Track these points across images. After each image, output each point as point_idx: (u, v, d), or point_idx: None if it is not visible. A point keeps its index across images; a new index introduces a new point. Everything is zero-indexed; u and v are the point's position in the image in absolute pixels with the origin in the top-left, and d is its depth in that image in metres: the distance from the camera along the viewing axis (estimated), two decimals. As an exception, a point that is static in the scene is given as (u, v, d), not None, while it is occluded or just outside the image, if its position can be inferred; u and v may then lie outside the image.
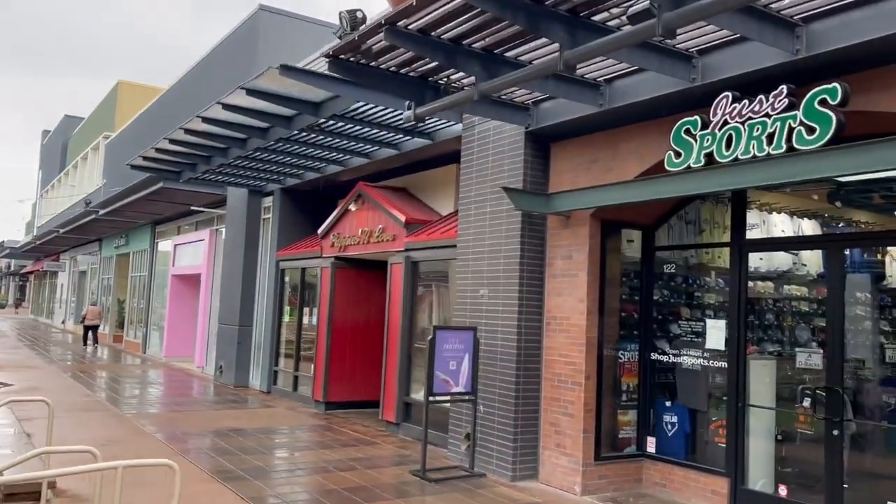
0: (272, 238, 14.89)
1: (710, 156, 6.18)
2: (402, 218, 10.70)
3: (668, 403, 7.97)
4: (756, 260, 7.43)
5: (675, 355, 7.85)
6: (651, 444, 7.97)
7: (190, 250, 20.24)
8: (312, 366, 12.95)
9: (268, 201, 15.32)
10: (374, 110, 9.41)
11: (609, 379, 7.95)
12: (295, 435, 10.26)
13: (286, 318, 14.60)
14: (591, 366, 7.67)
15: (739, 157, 5.93)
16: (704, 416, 7.63)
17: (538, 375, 8.14)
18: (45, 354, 21.58)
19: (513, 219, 8.24)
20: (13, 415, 10.06)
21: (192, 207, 17.39)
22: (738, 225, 7.32)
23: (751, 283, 7.35)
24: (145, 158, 13.44)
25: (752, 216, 7.34)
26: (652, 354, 8.07)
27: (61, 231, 29.44)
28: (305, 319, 13.88)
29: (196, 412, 11.98)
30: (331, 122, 9.87)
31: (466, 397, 8.30)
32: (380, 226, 11.33)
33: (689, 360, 7.67)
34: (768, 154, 5.72)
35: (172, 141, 11.90)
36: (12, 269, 58.71)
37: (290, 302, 14.60)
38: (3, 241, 52.21)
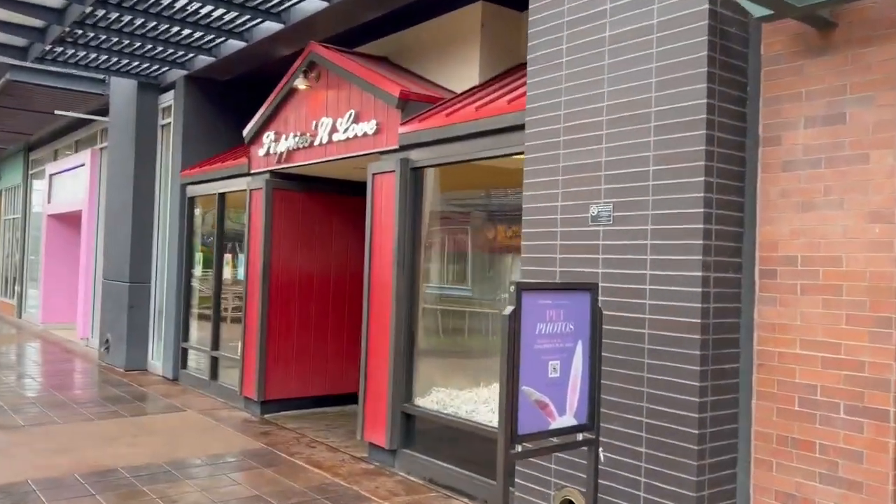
0: (175, 152, 9.96)
1: None
2: (394, 92, 6.02)
3: None
4: None
5: None
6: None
7: (69, 181, 14.94)
8: (240, 345, 8.27)
9: (167, 98, 10.31)
10: None
11: None
12: (210, 483, 5.67)
13: (198, 271, 9.80)
14: (903, 372, 3.30)
15: None
16: None
17: (738, 386, 3.74)
18: None
19: (682, 28, 3.70)
20: None
21: (57, 112, 12.07)
22: None
23: None
24: (-45, 16, 8.27)
25: None
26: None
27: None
28: (228, 273, 9.14)
29: (38, 429, 7.20)
30: None
31: (580, 436, 3.82)
32: (351, 111, 6.60)
33: None
34: None
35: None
36: None
37: (204, 246, 9.80)
38: None
